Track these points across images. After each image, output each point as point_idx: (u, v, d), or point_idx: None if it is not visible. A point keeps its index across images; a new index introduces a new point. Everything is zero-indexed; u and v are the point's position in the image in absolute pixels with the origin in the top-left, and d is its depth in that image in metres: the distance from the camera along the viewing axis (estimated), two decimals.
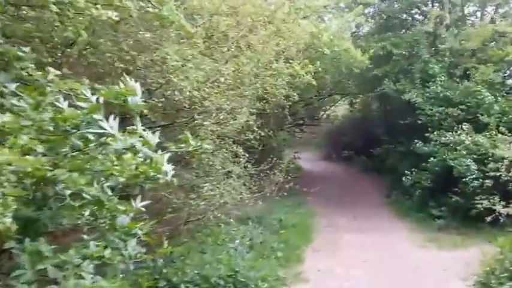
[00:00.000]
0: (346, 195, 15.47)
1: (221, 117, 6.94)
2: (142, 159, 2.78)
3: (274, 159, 13.14)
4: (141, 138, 2.77)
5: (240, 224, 9.78)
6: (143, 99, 2.81)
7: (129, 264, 3.00)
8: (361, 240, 10.27)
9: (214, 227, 8.34)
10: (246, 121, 7.87)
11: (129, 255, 2.95)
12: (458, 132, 11.26)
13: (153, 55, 5.68)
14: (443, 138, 11.50)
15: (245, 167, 8.69)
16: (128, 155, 2.73)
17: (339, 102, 21.94)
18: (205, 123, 6.26)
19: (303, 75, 10.14)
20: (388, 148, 15.69)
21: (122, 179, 2.80)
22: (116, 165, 2.72)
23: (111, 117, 2.67)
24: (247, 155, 8.23)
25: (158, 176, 2.81)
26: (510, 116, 11.38)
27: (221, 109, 6.78)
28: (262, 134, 9.44)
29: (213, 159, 7.02)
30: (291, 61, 9.64)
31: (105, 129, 2.62)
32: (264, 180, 11.25)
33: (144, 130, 2.80)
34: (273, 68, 8.54)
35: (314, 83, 10.54)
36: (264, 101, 9.38)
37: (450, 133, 11.35)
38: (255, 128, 8.33)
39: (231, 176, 7.51)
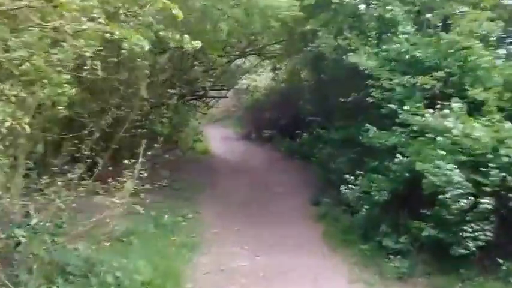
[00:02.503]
0: (257, 200, 10.62)
1: None
2: None
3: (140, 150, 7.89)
4: None
5: None
6: None
7: None
8: None
9: None
10: None
11: None
12: (444, 112, 6.59)
13: None
14: (416, 122, 6.80)
15: None
16: None
17: (260, 68, 16.90)
18: None
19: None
20: (319, 134, 10.92)
21: None
22: None
23: None
24: None
25: None
26: None
27: None
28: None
29: None
30: None
31: None
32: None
33: None
34: None
35: (180, 14, 5.32)
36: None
37: (430, 114, 6.64)
38: None
39: None
